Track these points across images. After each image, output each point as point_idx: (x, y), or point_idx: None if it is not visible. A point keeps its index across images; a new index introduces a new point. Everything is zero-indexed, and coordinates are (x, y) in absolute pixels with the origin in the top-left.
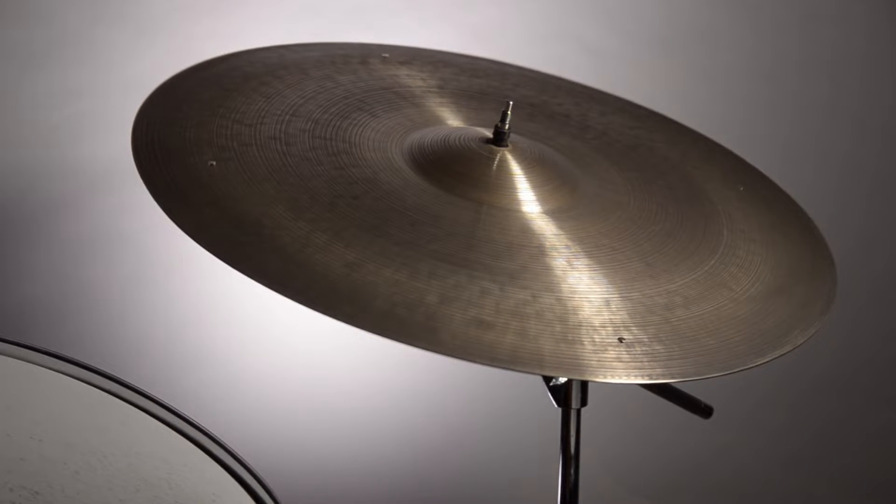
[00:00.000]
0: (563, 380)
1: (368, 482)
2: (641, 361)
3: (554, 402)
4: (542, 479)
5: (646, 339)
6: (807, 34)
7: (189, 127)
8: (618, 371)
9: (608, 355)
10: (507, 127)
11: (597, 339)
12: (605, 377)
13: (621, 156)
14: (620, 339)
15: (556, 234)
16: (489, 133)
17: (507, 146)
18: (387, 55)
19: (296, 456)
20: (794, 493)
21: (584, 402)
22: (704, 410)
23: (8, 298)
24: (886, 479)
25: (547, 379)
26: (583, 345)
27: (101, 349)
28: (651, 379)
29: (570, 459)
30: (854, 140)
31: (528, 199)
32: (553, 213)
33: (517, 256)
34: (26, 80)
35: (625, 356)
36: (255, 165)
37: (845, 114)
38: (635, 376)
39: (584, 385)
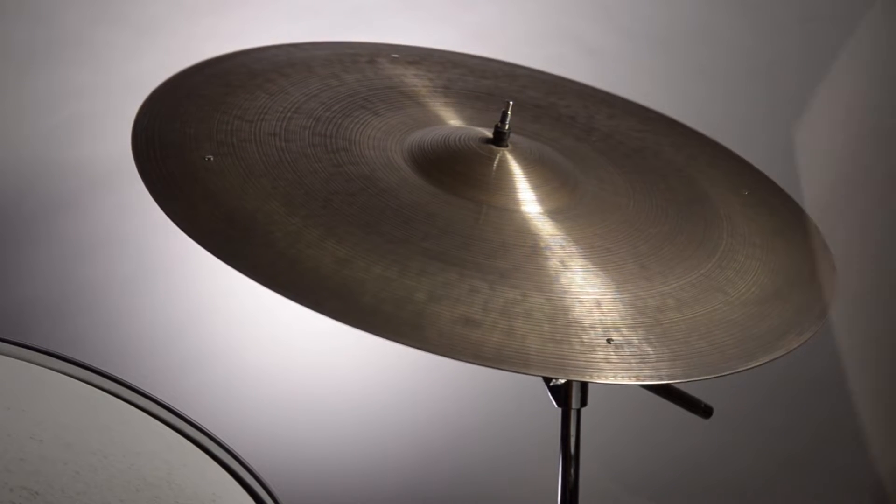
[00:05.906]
0: (563, 380)
1: (368, 482)
2: (629, 363)
3: (554, 402)
4: (542, 479)
5: (635, 341)
6: (807, 34)
7: (190, 122)
8: (605, 372)
9: (596, 356)
10: (506, 127)
11: (585, 340)
12: (591, 377)
13: (625, 158)
14: (609, 340)
15: (551, 235)
16: (490, 133)
17: (507, 146)
18: (397, 55)
19: (296, 456)
20: (794, 493)
21: (584, 403)
22: (704, 410)
23: (8, 298)
24: (885, 479)
25: (547, 379)
26: (570, 345)
27: (101, 349)
28: (638, 380)
29: (570, 459)
30: (853, 139)
31: (527, 199)
32: (551, 214)
33: (510, 256)
34: (26, 80)
35: (613, 357)
36: (253, 161)
37: (845, 114)
38: (622, 377)
39: (584, 385)
